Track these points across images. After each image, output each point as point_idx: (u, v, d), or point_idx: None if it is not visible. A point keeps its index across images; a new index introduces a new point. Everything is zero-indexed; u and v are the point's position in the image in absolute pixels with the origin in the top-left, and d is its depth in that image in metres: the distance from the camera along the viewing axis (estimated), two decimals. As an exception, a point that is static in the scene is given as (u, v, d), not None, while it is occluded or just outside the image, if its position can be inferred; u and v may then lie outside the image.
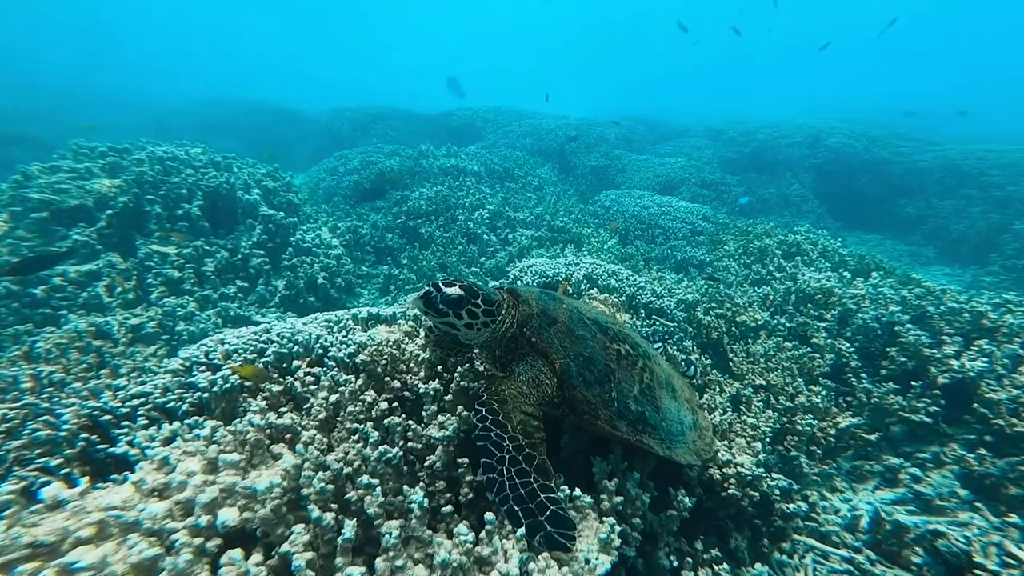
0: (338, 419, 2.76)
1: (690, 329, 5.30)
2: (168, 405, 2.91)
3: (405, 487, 2.35)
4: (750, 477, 3.11)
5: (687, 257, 7.64)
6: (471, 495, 2.47)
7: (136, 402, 2.94)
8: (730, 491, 3.08)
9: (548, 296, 2.74)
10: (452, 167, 11.70)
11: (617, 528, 2.16)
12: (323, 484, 2.18)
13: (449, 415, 2.73)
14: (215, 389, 2.84)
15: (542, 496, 2.06)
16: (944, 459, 4.27)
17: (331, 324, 3.77)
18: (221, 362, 3.16)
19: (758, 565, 3.08)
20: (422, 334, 3.57)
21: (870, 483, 4.27)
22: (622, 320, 4.58)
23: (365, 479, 2.19)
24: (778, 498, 3.22)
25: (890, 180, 14.94)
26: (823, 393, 4.49)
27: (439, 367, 3.19)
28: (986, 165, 14.11)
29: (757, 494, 3.13)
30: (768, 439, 3.81)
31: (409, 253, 8.28)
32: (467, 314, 2.41)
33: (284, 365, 3.23)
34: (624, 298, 5.06)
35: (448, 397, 2.81)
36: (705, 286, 6.25)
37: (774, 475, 3.31)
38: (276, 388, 3.02)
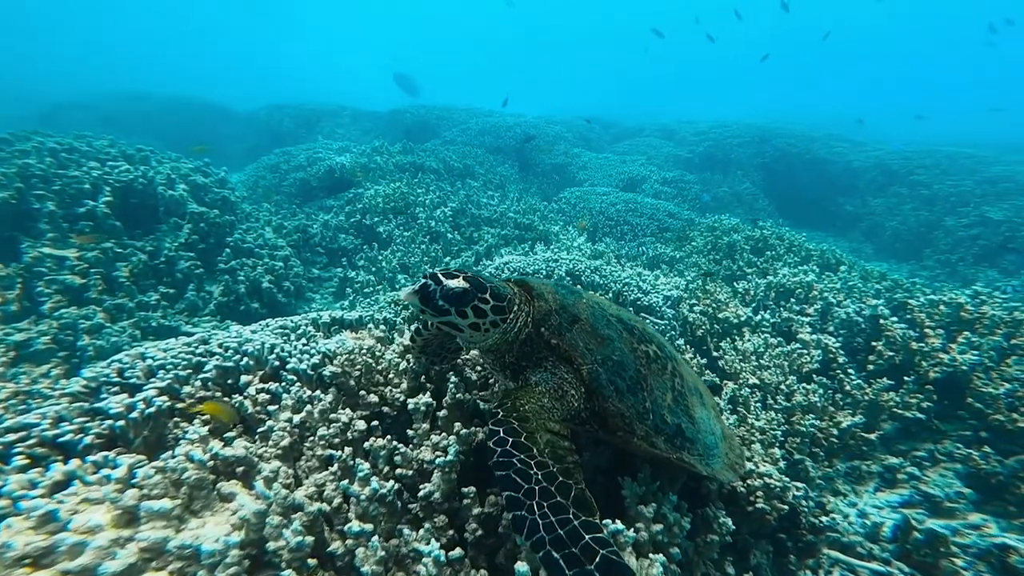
0: (305, 445, 2.20)
1: (678, 326, 5.03)
2: (63, 439, 2.21)
3: (405, 530, 1.83)
4: (779, 488, 2.79)
5: (658, 254, 7.46)
6: (479, 531, 2.00)
7: (12, 437, 2.22)
8: (758, 504, 2.75)
9: (565, 289, 2.30)
10: (409, 164, 11.08)
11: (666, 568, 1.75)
12: (299, 537, 1.62)
13: (445, 434, 2.23)
14: (134, 415, 2.19)
15: (587, 537, 1.60)
16: (939, 456, 4.18)
17: (287, 331, 3.16)
18: (142, 381, 2.48)
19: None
20: (400, 339, 3.03)
21: (870, 484, 4.11)
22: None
23: (356, 525, 1.66)
24: (806, 510, 2.92)
25: (829, 179, 15.66)
26: (820, 391, 4.31)
27: (423, 378, 2.69)
28: (913, 165, 15.03)
29: (786, 507, 2.82)
30: (779, 443, 3.55)
31: (366, 254, 7.61)
32: (473, 312, 1.94)
33: (229, 381, 2.60)
34: (611, 295, 4.71)
35: (442, 413, 2.30)
36: (686, 281, 6.05)
37: (798, 484, 3.02)
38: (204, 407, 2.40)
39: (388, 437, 2.20)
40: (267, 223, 8.16)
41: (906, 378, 4.40)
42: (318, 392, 2.34)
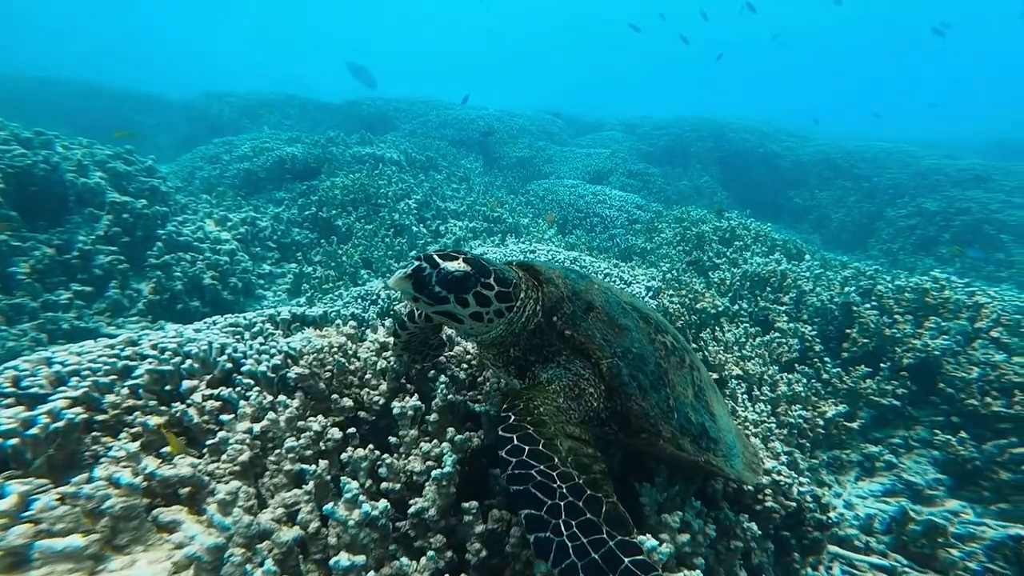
0: (270, 459, 1.82)
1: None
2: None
3: (403, 560, 1.51)
4: (787, 484, 2.64)
5: (629, 245, 7.35)
6: (483, 552, 1.71)
7: None
8: (767, 503, 2.59)
9: (575, 273, 2.03)
10: (368, 155, 10.53)
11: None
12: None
13: (437, 441, 1.91)
14: (33, 431, 1.75)
15: (626, 560, 1.34)
16: (913, 443, 4.21)
17: (240, 329, 2.73)
18: (47, 390, 2.01)
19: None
20: (374, 336, 2.67)
21: (851, 474, 4.09)
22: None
23: (345, 559, 1.34)
24: (811, 506, 2.79)
25: (780, 173, 16.23)
26: (803, 381, 4.26)
27: (403, 379, 2.36)
28: (855, 159, 15.80)
29: (793, 504, 2.67)
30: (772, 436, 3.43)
31: (325, 248, 7.08)
32: (475, 299, 1.65)
33: (167, 387, 2.17)
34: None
35: (432, 417, 1.98)
36: (662, 272, 5.93)
37: (802, 480, 2.89)
38: (156, 421, 1.98)
39: (370, 447, 1.86)
40: (208, 215, 7.46)
41: (882, 364, 4.42)
42: (283, 397, 1.96)
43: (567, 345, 1.75)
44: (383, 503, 1.56)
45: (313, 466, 1.73)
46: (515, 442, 1.53)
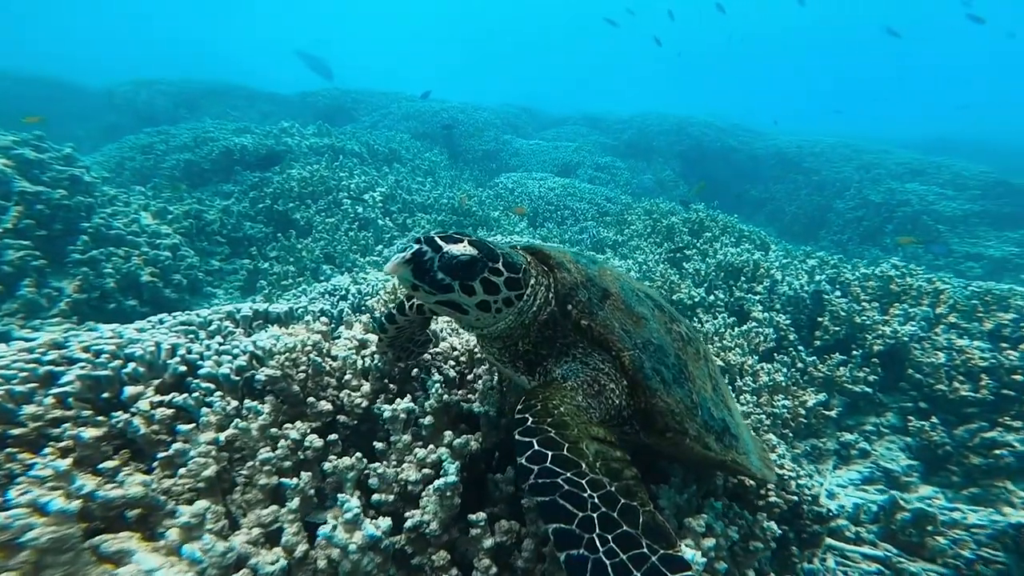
0: (242, 473, 1.55)
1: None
2: None
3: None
4: (790, 477, 2.57)
5: (600, 238, 7.28)
6: (493, 569, 1.52)
7: None
8: (770, 498, 2.49)
9: (586, 257, 1.85)
10: (327, 147, 10.03)
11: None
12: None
13: (433, 446, 1.69)
14: None
15: (672, 579, 1.17)
16: (884, 430, 4.27)
17: (193, 328, 2.39)
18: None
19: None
20: (350, 332, 2.40)
21: (829, 462, 4.11)
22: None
23: None
24: (809, 498, 2.73)
25: (737, 166, 16.73)
26: (784, 371, 4.26)
27: (386, 379, 2.11)
28: (804, 153, 16.49)
29: (795, 497, 2.60)
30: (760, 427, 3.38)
31: (282, 243, 6.62)
32: (483, 286, 1.44)
33: (105, 395, 1.84)
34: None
35: (427, 420, 1.76)
36: (639, 263, 5.86)
37: (801, 472, 2.84)
38: (92, 434, 1.66)
39: (356, 455, 1.61)
40: (142, 207, 6.82)
41: (854, 352, 4.48)
42: (252, 403, 1.68)
43: (584, 337, 1.57)
44: (386, 522, 1.33)
45: (295, 479, 1.47)
46: (536, 447, 1.34)
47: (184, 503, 1.51)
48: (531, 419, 1.40)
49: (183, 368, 1.90)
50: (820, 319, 4.91)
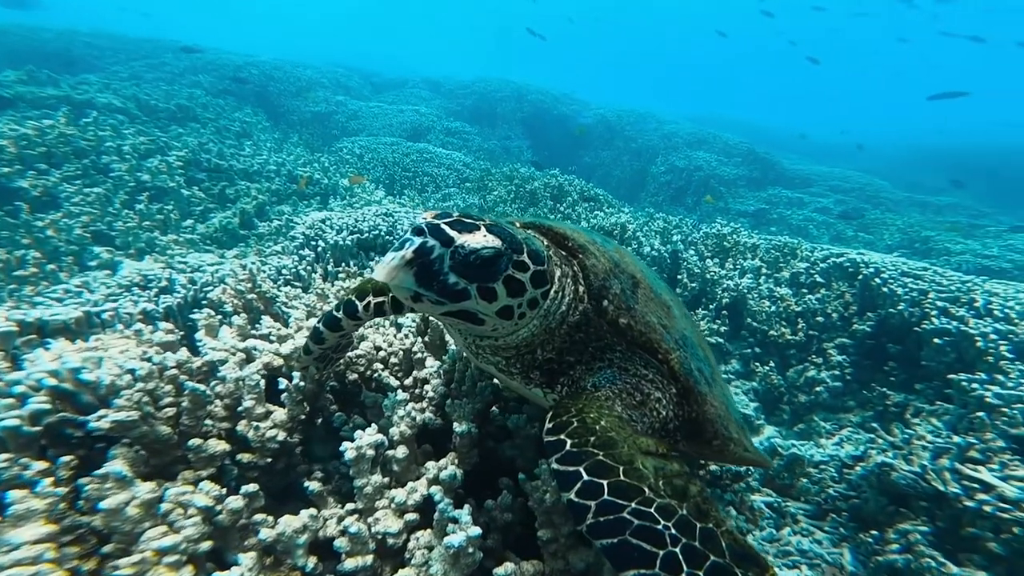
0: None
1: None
2: None
3: None
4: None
5: (467, 205, 6.96)
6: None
7: None
8: (711, 467, 2.59)
9: (594, 233, 1.57)
10: (58, 98, 7.75)
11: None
12: None
13: (411, 485, 1.30)
14: None
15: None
16: (730, 376, 4.73)
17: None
18: None
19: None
20: (230, 342, 1.74)
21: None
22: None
23: None
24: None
25: (572, 134, 17.75)
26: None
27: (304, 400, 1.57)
28: (624, 123, 18.24)
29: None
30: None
31: (2, 219, 4.82)
32: (506, 287, 1.09)
33: None
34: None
35: (401, 452, 1.34)
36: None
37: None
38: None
39: (311, 511, 1.12)
40: None
41: (711, 306, 5.00)
42: (115, 466, 1.03)
43: (623, 338, 1.28)
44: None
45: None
46: (586, 477, 1.06)
47: None
48: (570, 442, 1.10)
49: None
50: (679, 276, 5.40)
